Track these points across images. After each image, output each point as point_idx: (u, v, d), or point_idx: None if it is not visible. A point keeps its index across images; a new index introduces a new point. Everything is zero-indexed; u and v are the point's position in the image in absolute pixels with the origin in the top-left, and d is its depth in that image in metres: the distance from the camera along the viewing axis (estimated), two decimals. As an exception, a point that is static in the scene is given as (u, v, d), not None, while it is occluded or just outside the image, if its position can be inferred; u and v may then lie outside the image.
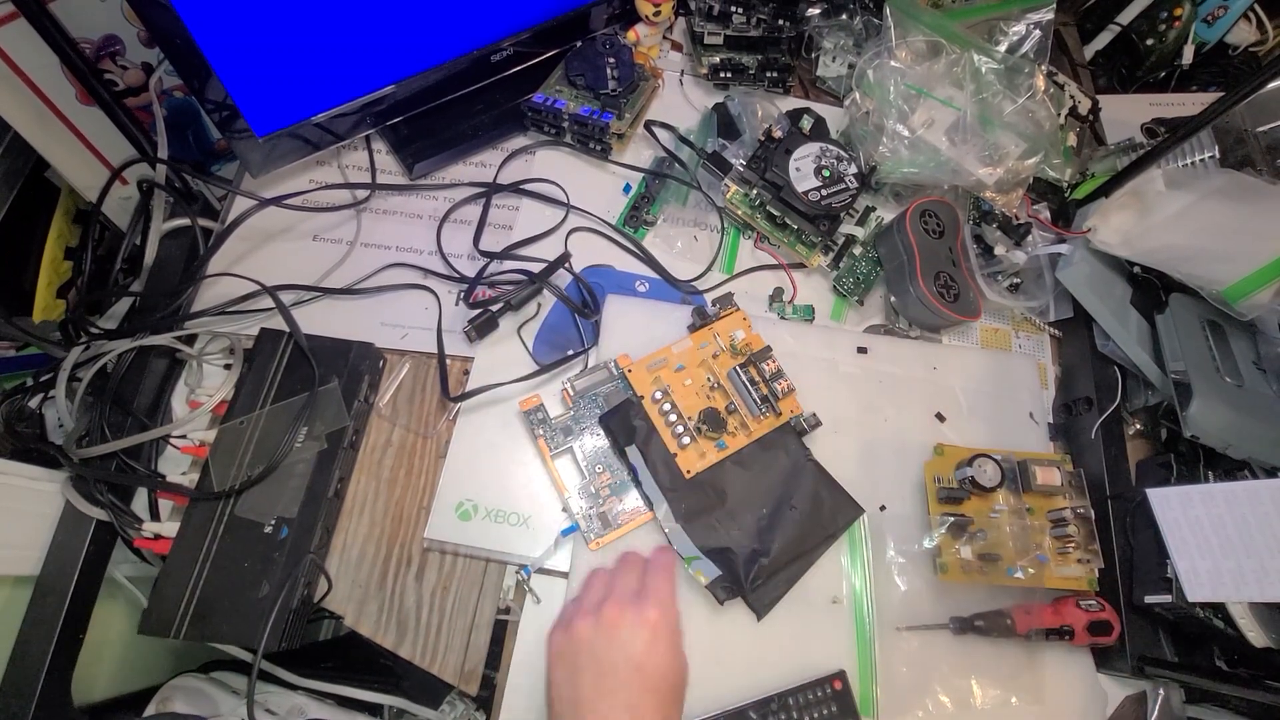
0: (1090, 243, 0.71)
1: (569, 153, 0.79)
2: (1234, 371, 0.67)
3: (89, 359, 0.61)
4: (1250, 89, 0.60)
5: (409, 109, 0.73)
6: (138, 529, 0.57)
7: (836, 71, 0.85)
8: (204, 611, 0.54)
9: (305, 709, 0.61)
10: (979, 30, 0.80)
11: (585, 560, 0.60)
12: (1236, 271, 0.65)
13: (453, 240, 0.73)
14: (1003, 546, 0.59)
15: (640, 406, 0.62)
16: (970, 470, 0.60)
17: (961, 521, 0.60)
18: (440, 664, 0.59)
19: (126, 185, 0.69)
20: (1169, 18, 0.92)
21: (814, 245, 0.74)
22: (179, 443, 0.59)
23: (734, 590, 0.58)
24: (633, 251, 0.74)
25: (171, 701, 0.59)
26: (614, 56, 0.75)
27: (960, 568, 0.59)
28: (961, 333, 0.76)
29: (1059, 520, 0.60)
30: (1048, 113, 0.77)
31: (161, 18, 0.54)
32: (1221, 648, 0.63)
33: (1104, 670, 0.63)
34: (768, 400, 0.63)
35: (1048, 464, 0.61)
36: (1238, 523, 0.56)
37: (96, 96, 0.64)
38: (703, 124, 0.81)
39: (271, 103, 0.64)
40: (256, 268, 0.68)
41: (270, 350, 0.62)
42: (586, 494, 0.61)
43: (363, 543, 0.61)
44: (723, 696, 0.56)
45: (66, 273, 0.71)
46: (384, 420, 0.65)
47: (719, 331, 0.66)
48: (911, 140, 0.74)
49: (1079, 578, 0.60)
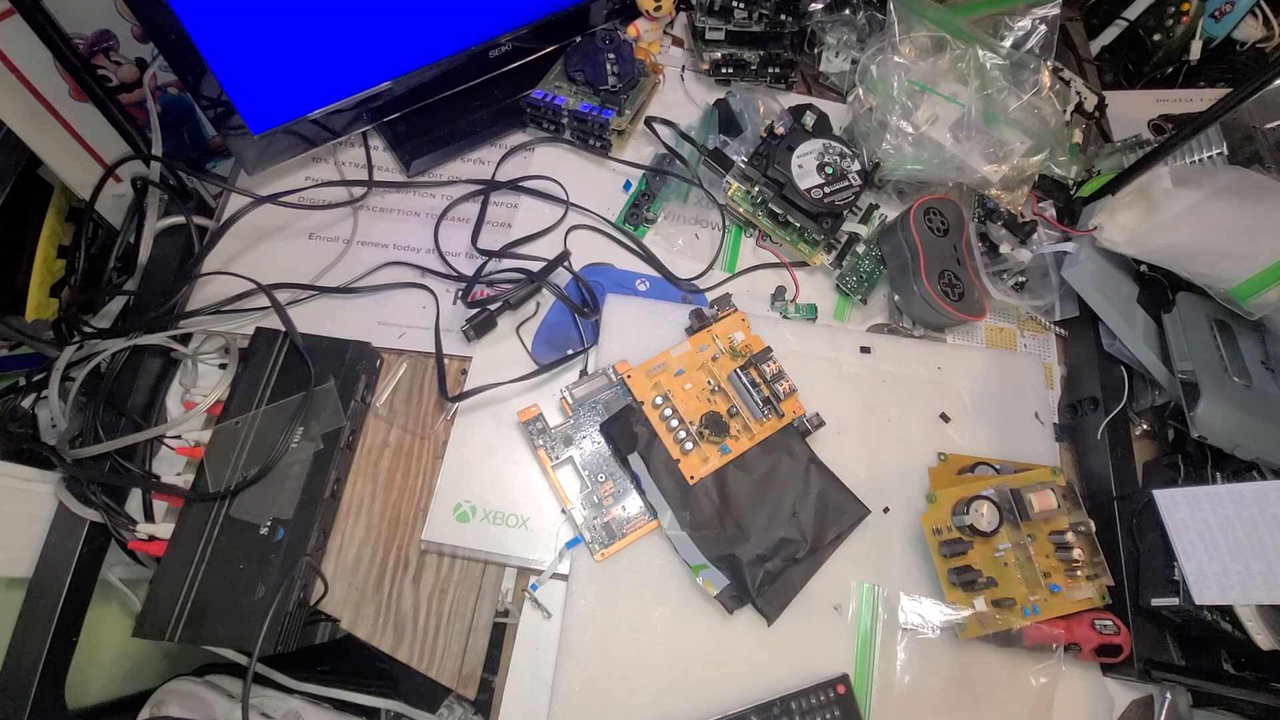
0: (1096, 241, 0.70)
1: (568, 149, 0.78)
2: (1242, 371, 0.66)
3: (82, 358, 0.60)
4: (1258, 85, 0.59)
5: (406, 105, 0.73)
6: (132, 530, 0.57)
7: (839, 67, 0.84)
8: (199, 614, 0.53)
9: (301, 713, 0.60)
10: (984, 25, 0.79)
11: (588, 570, 0.59)
12: (1245, 270, 0.64)
13: (451, 238, 0.72)
14: (1013, 588, 0.58)
15: (641, 413, 0.61)
16: (968, 517, 0.59)
17: (969, 577, 0.59)
18: (438, 667, 0.58)
19: (120, 182, 0.68)
20: (1176, 13, 0.91)
21: (817, 243, 0.73)
22: (173, 443, 0.59)
23: (742, 599, 0.58)
24: (633, 250, 0.74)
25: (166, 705, 0.58)
26: (614, 52, 0.75)
27: (978, 623, 0.58)
28: (966, 332, 0.76)
29: (1062, 544, 0.59)
30: (1053, 109, 0.76)
31: (156, 13, 0.53)
32: (1229, 651, 0.63)
33: (1110, 675, 0.62)
34: (770, 402, 0.62)
35: (1041, 488, 0.60)
36: (1246, 524, 0.55)
37: (90, 93, 0.63)
38: (704, 120, 0.80)
39: (267, 99, 0.63)
40: (252, 266, 0.67)
41: (266, 350, 0.62)
42: (590, 503, 0.60)
43: (359, 544, 0.61)
44: (725, 700, 0.56)
45: (59, 271, 0.70)
46: (381, 420, 0.65)
47: (718, 334, 0.66)
48: (915, 137, 0.73)
49: (1091, 597, 0.59)
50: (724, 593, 0.57)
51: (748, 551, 0.58)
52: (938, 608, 0.60)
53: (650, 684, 0.57)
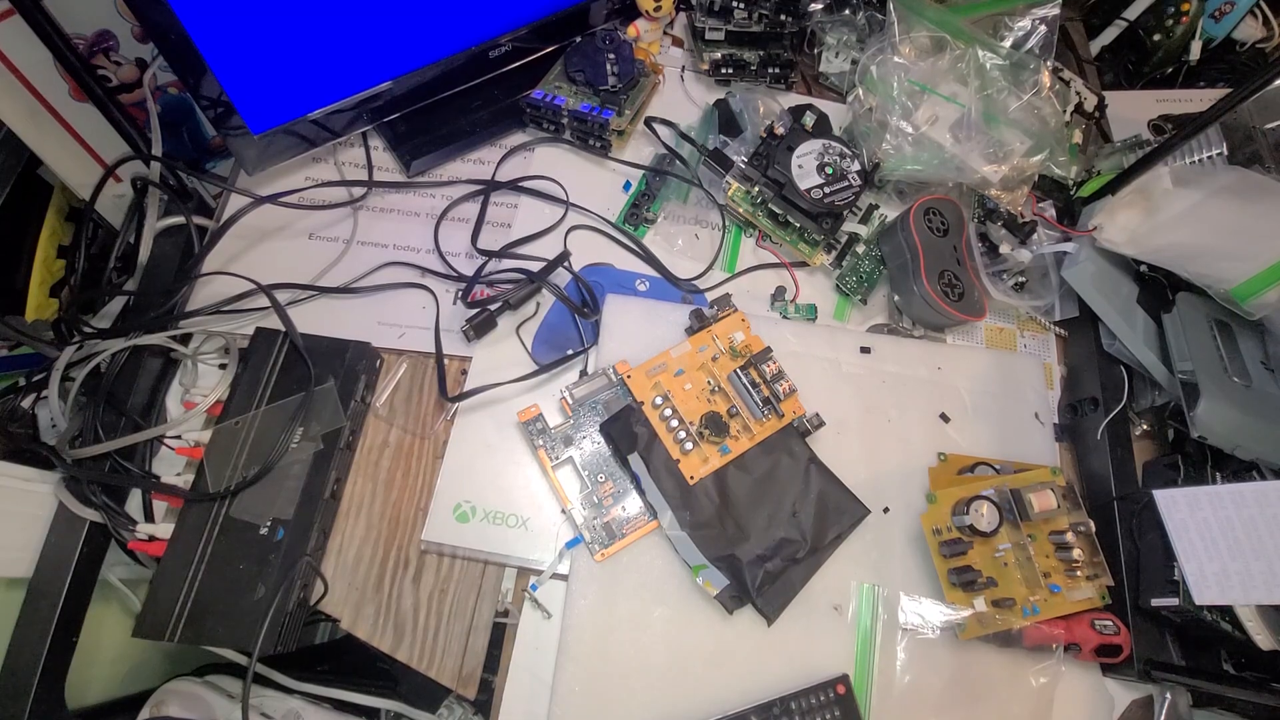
0: (1096, 241, 0.70)
1: (568, 150, 0.78)
2: (1242, 371, 0.66)
3: (82, 359, 0.60)
4: (1258, 85, 0.59)
5: (406, 105, 0.73)
6: (132, 531, 0.57)
7: (839, 67, 0.84)
8: (199, 614, 0.53)
9: (301, 713, 0.60)
10: (983, 26, 0.79)
11: (588, 570, 0.59)
12: (1245, 270, 0.64)
13: (451, 238, 0.72)
14: (1013, 588, 0.58)
15: (641, 413, 0.61)
16: (968, 517, 0.59)
17: (969, 577, 0.59)
18: (438, 667, 0.58)
19: (120, 183, 0.68)
20: (1176, 13, 0.91)
21: (817, 243, 0.73)
22: (173, 443, 0.59)
23: (742, 599, 0.58)
24: (633, 250, 0.74)
25: (166, 705, 0.58)
26: (614, 52, 0.75)
27: (978, 623, 0.58)
28: (966, 332, 0.76)
29: (1061, 544, 0.59)
30: (1053, 109, 0.76)
31: (156, 13, 0.53)
32: (1229, 651, 0.63)
33: (1110, 675, 0.62)
34: (770, 402, 0.62)
35: (1041, 488, 0.60)
36: (1246, 525, 0.55)
37: (90, 93, 0.63)
38: (704, 120, 0.80)
39: (267, 99, 0.63)
40: (252, 266, 0.67)
41: (266, 350, 0.62)
42: (590, 503, 0.60)
43: (359, 545, 0.61)
44: (725, 700, 0.56)
45: (59, 271, 0.70)
46: (381, 421, 0.65)
47: (717, 334, 0.66)
48: (915, 137, 0.73)
49: (1091, 597, 0.59)
50: (724, 593, 0.57)
51: (748, 551, 0.58)
52: (938, 608, 0.60)
53: (650, 684, 0.57)
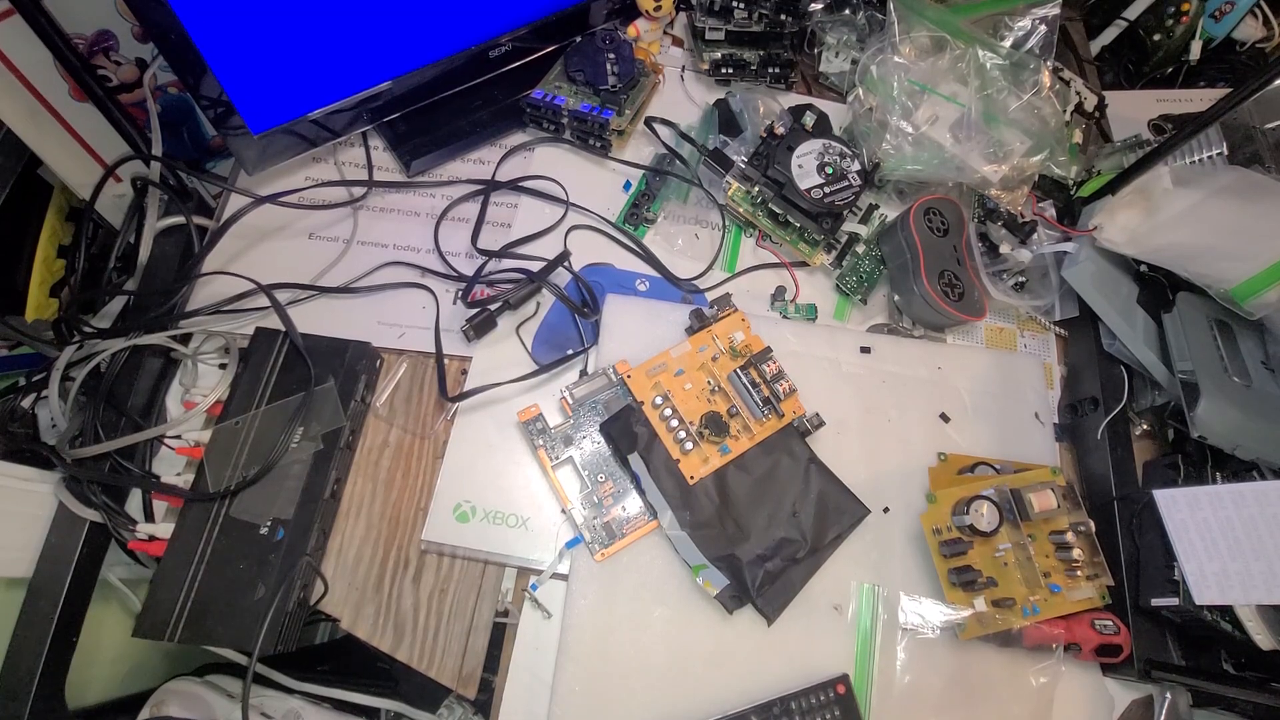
0: (1096, 241, 0.70)
1: (568, 150, 0.78)
2: (1242, 371, 0.66)
3: (82, 358, 0.60)
4: (1258, 85, 0.59)
5: (406, 105, 0.73)
6: (132, 530, 0.57)
7: (839, 67, 0.84)
8: (199, 614, 0.53)
9: (301, 713, 0.60)
10: (983, 25, 0.79)
11: (588, 570, 0.59)
12: (1245, 270, 0.64)
13: (451, 238, 0.72)
14: (1013, 588, 0.58)
15: (641, 413, 0.61)
16: (968, 517, 0.59)
17: (969, 577, 0.59)
18: (438, 667, 0.58)
19: (120, 183, 0.68)
20: (1176, 13, 0.91)
21: (817, 243, 0.73)
22: (173, 443, 0.59)
23: (742, 599, 0.58)
24: (633, 250, 0.74)
25: (166, 705, 0.58)
26: (614, 52, 0.75)
27: (978, 623, 0.58)
28: (966, 332, 0.76)
29: (1061, 544, 0.59)
30: (1053, 109, 0.76)
31: (156, 13, 0.53)
32: (1229, 651, 0.63)
33: (1110, 675, 0.62)
34: (770, 402, 0.62)
35: (1041, 488, 0.60)
36: (1246, 525, 0.55)
37: (90, 93, 0.63)
38: (704, 120, 0.80)
39: (267, 99, 0.63)
40: (252, 266, 0.67)
41: (266, 350, 0.62)
42: (590, 503, 0.60)
43: (359, 544, 0.61)
44: (725, 700, 0.56)
45: (59, 271, 0.70)
46: (381, 420, 0.65)
47: (718, 334, 0.66)
48: (915, 137, 0.73)
49: (1091, 597, 0.59)
50: (724, 593, 0.57)
51: (748, 551, 0.58)
52: (938, 608, 0.60)
53: (650, 684, 0.57)
